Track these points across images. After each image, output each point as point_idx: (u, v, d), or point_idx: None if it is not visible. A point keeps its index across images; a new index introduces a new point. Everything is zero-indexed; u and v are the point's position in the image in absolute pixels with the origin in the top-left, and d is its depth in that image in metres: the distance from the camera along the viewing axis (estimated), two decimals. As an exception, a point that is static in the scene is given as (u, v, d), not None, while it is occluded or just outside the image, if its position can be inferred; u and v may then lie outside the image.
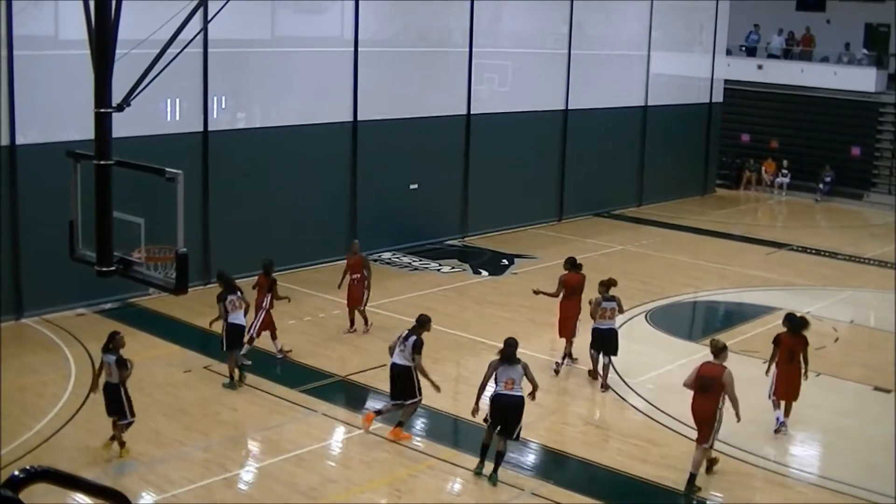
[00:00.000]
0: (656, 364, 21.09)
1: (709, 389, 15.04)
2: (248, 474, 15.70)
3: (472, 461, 15.82)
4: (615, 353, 19.32)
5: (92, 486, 5.99)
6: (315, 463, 15.88)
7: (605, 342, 19.17)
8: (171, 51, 15.73)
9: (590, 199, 36.55)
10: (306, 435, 16.85)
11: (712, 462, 15.69)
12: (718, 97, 42.95)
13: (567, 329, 20.22)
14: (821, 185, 43.07)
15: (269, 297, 20.19)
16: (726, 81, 43.38)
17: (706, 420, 15.08)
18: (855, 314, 24.93)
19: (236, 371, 18.95)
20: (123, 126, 17.87)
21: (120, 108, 16.76)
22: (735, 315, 24.64)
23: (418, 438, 17.02)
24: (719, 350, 15.29)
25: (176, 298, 21.96)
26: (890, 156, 43.58)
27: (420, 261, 28.82)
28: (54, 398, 17.80)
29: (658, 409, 18.40)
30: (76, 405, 17.57)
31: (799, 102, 45.04)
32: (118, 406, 15.61)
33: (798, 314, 18.52)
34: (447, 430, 17.82)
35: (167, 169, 16.62)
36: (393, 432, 16.72)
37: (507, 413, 15.14)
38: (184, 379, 19.17)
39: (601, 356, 19.28)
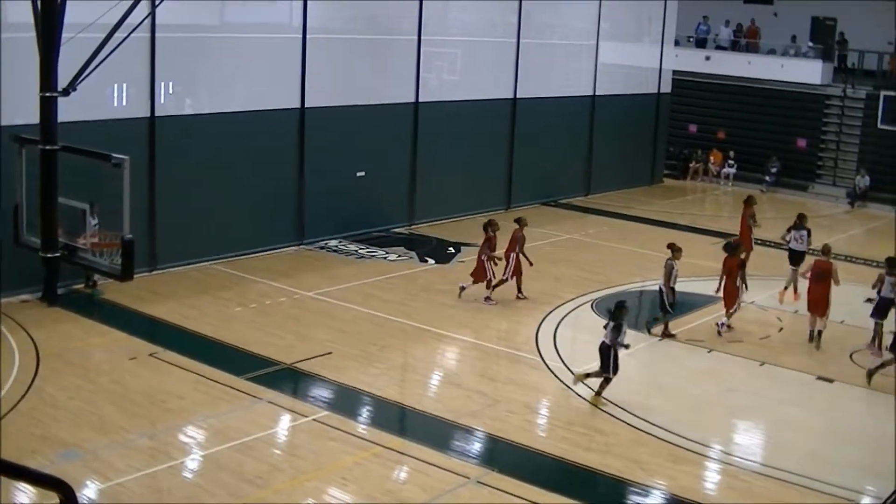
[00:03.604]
0: (602, 353, 21.18)
1: (822, 278, 21.79)
2: (193, 462, 15.61)
3: (419, 450, 15.89)
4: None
5: (35, 475, 5.96)
6: (261, 451, 15.82)
7: None
8: (118, 35, 15.64)
9: (538, 188, 36.69)
10: (252, 423, 16.78)
11: (820, 333, 21.94)
12: (667, 88, 43.30)
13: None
14: (767, 177, 43.52)
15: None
16: (674, 72, 43.74)
17: (822, 299, 21.83)
18: (799, 304, 25.13)
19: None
20: (69, 111, 17.78)
21: (66, 92, 16.67)
22: (681, 304, 24.75)
23: (363, 426, 17.03)
24: (828, 251, 22.32)
25: (121, 285, 22.01)
26: (835, 147, 44.12)
27: (367, 249, 28.73)
28: (-3, 385, 17.61)
29: (603, 397, 18.50)
30: (20, 393, 17.38)
31: (746, 94, 45.51)
32: (604, 363, 18.29)
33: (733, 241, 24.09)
34: (393, 418, 17.83)
35: (113, 154, 16.51)
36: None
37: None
38: (129, 366, 19.03)
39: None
